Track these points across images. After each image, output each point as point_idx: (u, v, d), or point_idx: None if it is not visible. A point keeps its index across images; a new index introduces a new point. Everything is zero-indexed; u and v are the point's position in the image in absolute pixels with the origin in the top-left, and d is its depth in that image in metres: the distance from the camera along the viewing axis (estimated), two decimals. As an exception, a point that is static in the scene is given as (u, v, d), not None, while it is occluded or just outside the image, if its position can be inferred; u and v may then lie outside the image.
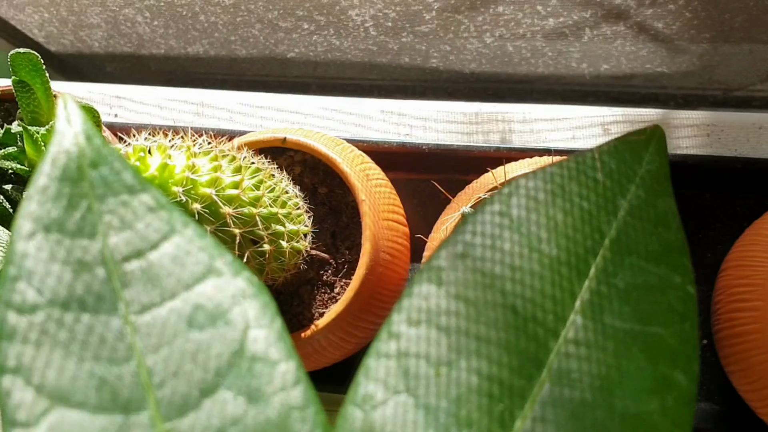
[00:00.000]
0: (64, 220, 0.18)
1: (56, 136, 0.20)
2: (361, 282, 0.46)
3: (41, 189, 0.19)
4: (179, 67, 0.97)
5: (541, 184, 0.22)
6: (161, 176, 0.35)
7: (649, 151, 0.24)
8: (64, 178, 0.19)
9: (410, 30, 0.80)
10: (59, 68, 1.02)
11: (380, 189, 0.50)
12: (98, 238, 0.19)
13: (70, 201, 0.19)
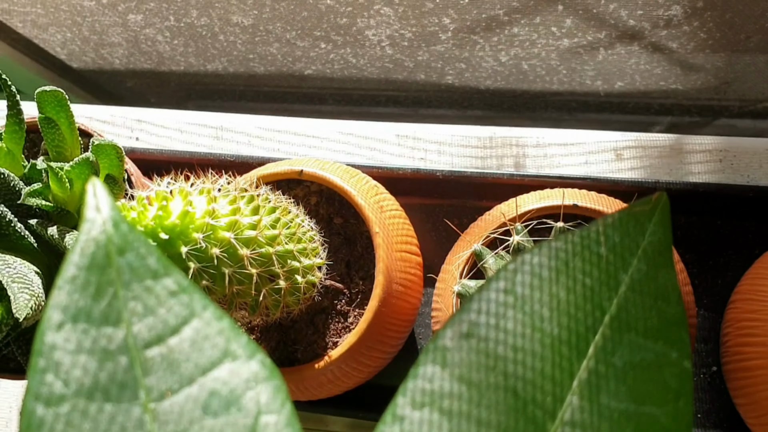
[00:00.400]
0: (91, 309, 0.20)
1: (85, 224, 0.21)
2: (373, 314, 0.47)
3: (70, 279, 0.20)
4: (198, 82, 0.99)
5: (545, 260, 0.23)
6: (183, 223, 0.36)
7: (653, 222, 0.24)
8: (92, 266, 0.20)
9: (426, 49, 0.80)
10: (81, 84, 1.04)
11: (394, 220, 0.51)
12: (122, 326, 0.20)
13: (97, 289, 0.20)
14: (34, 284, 0.41)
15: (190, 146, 0.68)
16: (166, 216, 0.36)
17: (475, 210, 0.61)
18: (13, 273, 0.41)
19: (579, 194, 0.48)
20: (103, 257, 0.20)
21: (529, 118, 0.98)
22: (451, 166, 0.63)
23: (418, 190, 0.61)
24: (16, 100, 0.49)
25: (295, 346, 0.51)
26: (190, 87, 1.01)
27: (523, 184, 0.58)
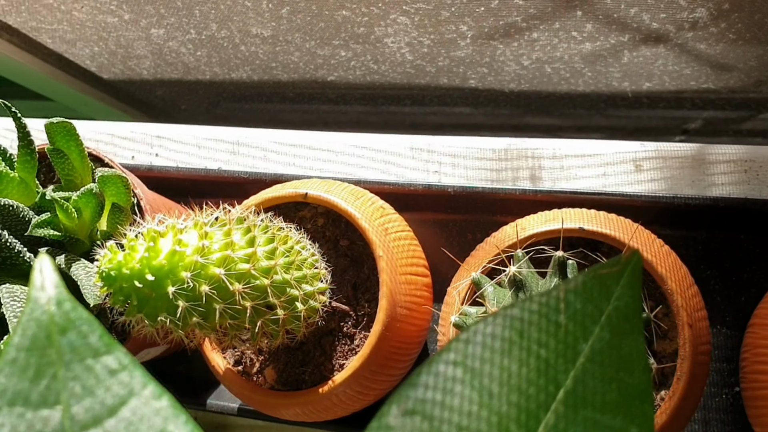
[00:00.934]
0: (29, 392, 0.20)
1: (29, 304, 0.21)
2: (377, 338, 0.47)
3: (10, 361, 0.20)
4: (225, 90, 1.00)
5: (499, 330, 0.22)
6: (171, 262, 0.36)
7: (621, 284, 0.23)
8: (33, 348, 0.20)
9: (446, 55, 0.79)
10: (112, 93, 1.06)
11: (399, 243, 0.50)
12: (60, 408, 0.20)
13: (36, 371, 0.20)
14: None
15: (207, 161, 0.69)
16: (154, 256, 0.36)
17: (489, 225, 0.60)
18: (17, 308, 0.42)
19: (586, 216, 0.46)
20: (44, 338, 0.20)
21: (558, 117, 0.96)
22: (466, 178, 0.62)
23: (430, 205, 0.60)
24: (27, 131, 0.50)
25: (303, 368, 0.51)
26: (218, 94, 1.02)
27: (537, 200, 0.56)
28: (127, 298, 0.36)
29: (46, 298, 0.21)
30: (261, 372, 0.52)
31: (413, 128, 1.08)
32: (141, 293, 0.35)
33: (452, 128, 1.08)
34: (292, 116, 1.08)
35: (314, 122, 1.10)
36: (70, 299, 0.21)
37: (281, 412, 0.50)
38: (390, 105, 0.98)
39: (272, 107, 1.06)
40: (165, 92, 1.04)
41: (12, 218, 0.47)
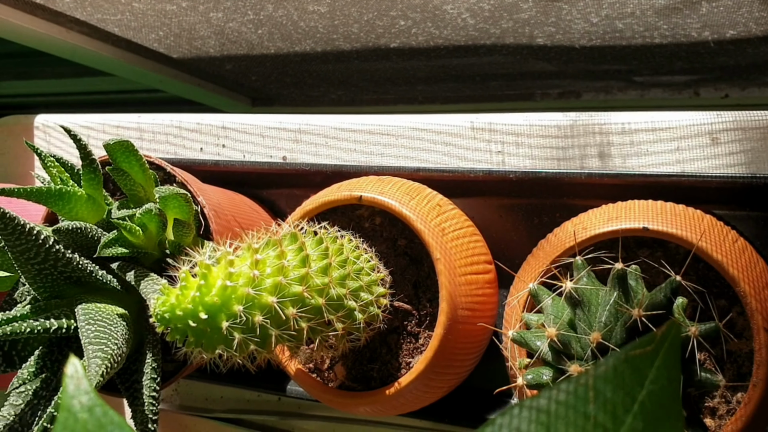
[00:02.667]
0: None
1: (62, 413, 0.22)
2: (439, 341, 0.47)
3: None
4: (291, 61, 0.99)
5: (525, 426, 0.21)
6: (222, 296, 0.37)
7: (656, 366, 0.22)
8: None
9: (509, 18, 0.76)
10: (185, 70, 1.08)
11: (458, 242, 0.49)
12: None
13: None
14: (112, 337, 0.44)
15: (271, 150, 0.69)
16: (206, 293, 0.37)
17: (556, 208, 0.58)
18: (92, 333, 0.44)
19: (652, 211, 0.44)
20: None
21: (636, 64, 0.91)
22: (531, 158, 0.60)
23: (493, 190, 0.58)
24: (88, 151, 0.52)
25: (370, 365, 0.52)
26: (285, 64, 1.02)
27: (602, 184, 0.54)
28: (183, 335, 0.37)
29: (78, 405, 0.22)
30: (331, 368, 0.53)
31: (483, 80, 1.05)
32: (196, 330, 0.37)
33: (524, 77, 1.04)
34: (359, 77, 1.07)
35: (382, 81, 1.09)
36: (101, 404, 0.22)
37: (351, 410, 0.52)
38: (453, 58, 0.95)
39: (339, 70, 1.05)
40: (234, 66, 1.04)
41: (82, 239, 0.49)
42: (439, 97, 1.14)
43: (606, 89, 1.05)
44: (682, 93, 1.00)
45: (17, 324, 0.43)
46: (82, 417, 0.22)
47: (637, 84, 1.01)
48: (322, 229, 0.46)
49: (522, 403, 0.22)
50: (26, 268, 0.46)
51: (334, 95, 1.19)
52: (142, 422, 0.48)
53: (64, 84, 1.41)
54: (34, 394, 0.49)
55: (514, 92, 1.09)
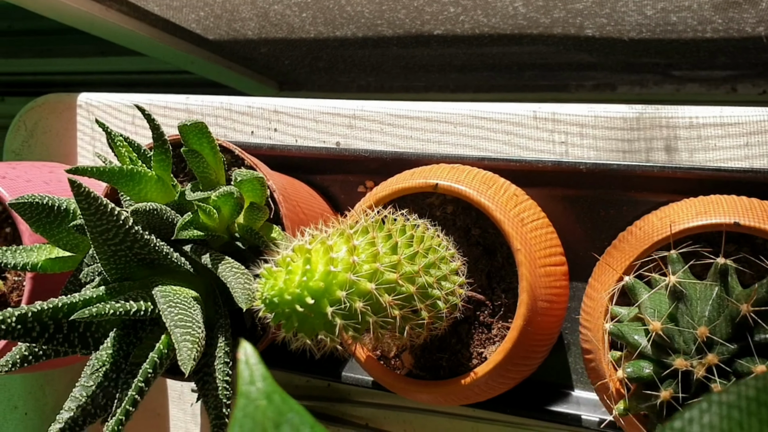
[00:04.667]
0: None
1: (240, 399, 0.22)
2: (519, 332, 0.47)
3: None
4: (328, 46, 0.99)
5: (717, 421, 0.21)
6: (326, 282, 0.37)
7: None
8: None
9: (563, 7, 0.75)
10: (218, 52, 1.07)
11: (537, 233, 0.49)
12: (284, 506, 0.21)
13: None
14: (195, 321, 0.44)
15: (324, 135, 0.69)
16: (311, 277, 0.36)
17: (622, 201, 0.58)
18: (176, 314, 0.43)
19: (740, 206, 0.44)
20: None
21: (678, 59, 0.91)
22: (595, 149, 0.60)
23: (559, 181, 0.58)
24: (161, 131, 0.51)
25: (439, 355, 0.52)
26: (320, 49, 1.01)
27: (675, 177, 0.54)
28: (286, 318, 0.37)
29: (256, 392, 0.22)
30: (399, 357, 0.53)
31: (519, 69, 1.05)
32: (300, 315, 0.36)
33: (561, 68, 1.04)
34: (393, 64, 1.07)
35: (415, 68, 1.08)
36: (279, 391, 0.22)
37: (420, 398, 0.51)
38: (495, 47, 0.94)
39: (374, 57, 1.05)
40: (269, 50, 1.03)
41: (156, 221, 0.49)
42: (471, 86, 1.14)
43: (641, 82, 1.04)
44: (719, 88, 1.00)
45: (101, 306, 0.43)
46: (261, 404, 0.21)
47: (674, 78, 1.00)
48: (401, 216, 0.46)
49: (709, 398, 0.21)
50: (102, 248, 0.46)
51: (363, 81, 1.18)
52: (216, 407, 0.48)
53: (86, 63, 1.39)
54: (105, 376, 0.49)
55: (548, 83, 1.09)
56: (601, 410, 0.56)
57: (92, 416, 0.48)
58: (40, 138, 0.81)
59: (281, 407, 0.22)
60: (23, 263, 0.54)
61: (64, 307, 0.45)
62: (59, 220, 0.52)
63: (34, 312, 0.43)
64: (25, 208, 0.50)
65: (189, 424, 0.73)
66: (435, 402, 0.52)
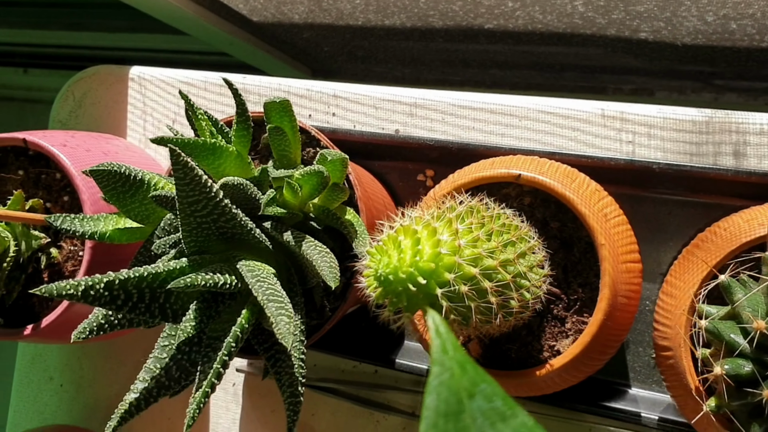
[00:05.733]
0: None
1: (435, 367, 0.21)
2: (598, 327, 0.47)
3: (432, 425, 0.21)
4: (373, 35, 0.98)
5: None
6: (435, 262, 0.37)
7: None
8: (449, 413, 0.21)
9: (623, 9, 0.75)
10: (259, 35, 1.06)
11: (618, 229, 0.49)
12: (483, 476, 0.21)
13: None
14: (283, 296, 0.44)
15: (384, 122, 0.69)
16: (422, 258, 0.36)
17: (689, 204, 0.58)
18: (266, 289, 0.43)
19: (831, 212, 0.44)
20: (455, 403, 0.21)
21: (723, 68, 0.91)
22: (662, 150, 0.60)
23: (628, 180, 0.58)
24: (245, 107, 0.51)
25: (508, 345, 0.52)
26: (365, 37, 1.01)
27: (749, 182, 0.54)
28: (396, 296, 0.37)
29: (450, 361, 0.22)
30: (466, 345, 0.53)
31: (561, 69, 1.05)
32: (410, 294, 0.36)
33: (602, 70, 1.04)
34: (434, 56, 1.07)
35: (455, 62, 1.08)
36: (470, 361, 0.22)
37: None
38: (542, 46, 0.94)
39: (416, 49, 1.04)
40: (311, 35, 1.03)
41: (241, 196, 0.48)
42: (508, 83, 1.14)
43: (680, 89, 1.05)
44: (758, 99, 1.01)
45: (193, 276, 0.43)
46: (456, 372, 0.21)
47: (714, 87, 1.01)
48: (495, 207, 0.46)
49: None
50: (189, 220, 0.46)
51: (399, 73, 1.18)
52: (291, 384, 0.48)
53: (115, 38, 1.38)
54: (178, 349, 0.49)
55: (587, 84, 1.09)
56: (660, 408, 0.56)
57: (166, 388, 0.47)
58: (88, 109, 0.80)
59: (474, 377, 0.22)
60: (91, 232, 0.54)
61: (149, 276, 0.45)
62: (133, 190, 0.52)
63: (120, 280, 0.43)
64: (103, 175, 0.50)
65: (230, 403, 0.73)
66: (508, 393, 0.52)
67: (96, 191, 0.61)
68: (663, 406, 0.57)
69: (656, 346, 0.49)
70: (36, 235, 0.62)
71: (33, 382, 0.80)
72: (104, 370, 0.78)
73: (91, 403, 0.78)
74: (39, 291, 0.41)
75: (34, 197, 0.64)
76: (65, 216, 0.54)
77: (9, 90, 1.69)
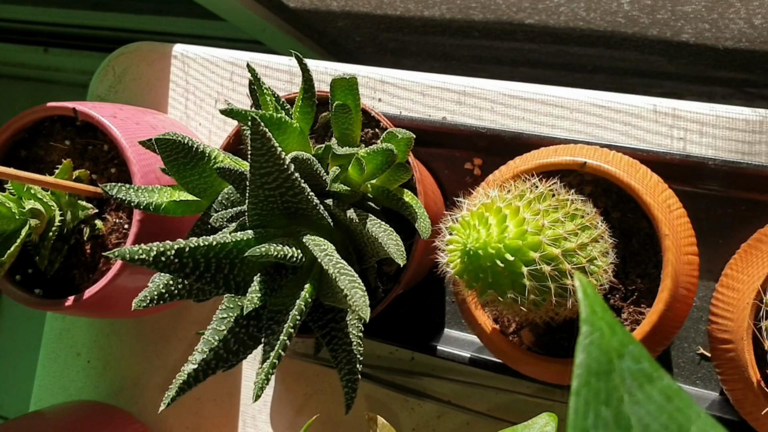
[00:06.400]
0: (605, 416, 0.21)
1: (585, 327, 0.21)
2: (659, 317, 0.47)
3: (584, 383, 0.21)
4: (409, 26, 0.98)
5: None
6: (525, 242, 0.37)
7: None
8: (600, 372, 0.21)
9: (670, 9, 0.75)
10: (292, 21, 1.06)
11: (680, 221, 0.49)
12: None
13: (606, 396, 0.21)
14: (352, 271, 0.44)
15: (431, 110, 0.69)
16: (509, 234, 0.36)
17: (742, 201, 0.58)
18: (335, 263, 0.43)
19: None
20: (605, 362, 0.21)
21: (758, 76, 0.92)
22: (714, 148, 0.60)
23: (683, 175, 0.58)
24: (312, 83, 0.51)
25: (562, 334, 0.52)
26: (400, 28, 1.01)
27: (807, 181, 0.54)
28: (483, 272, 0.36)
29: (600, 322, 0.22)
30: (517, 333, 0.53)
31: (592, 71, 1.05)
32: (496, 270, 0.36)
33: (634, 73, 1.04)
34: (466, 51, 1.07)
35: (487, 59, 1.08)
36: (619, 324, 0.22)
37: (542, 375, 0.52)
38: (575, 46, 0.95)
39: (448, 46, 1.04)
40: (345, 24, 1.03)
41: (307, 171, 0.48)
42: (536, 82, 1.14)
43: (709, 95, 1.05)
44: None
45: (266, 247, 0.43)
46: (606, 332, 0.21)
47: (745, 94, 1.01)
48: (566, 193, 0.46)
49: None
50: (257, 192, 0.46)
51: (427, 66, 1.18)
52: (349, 362, 0.47)
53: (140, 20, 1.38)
54: (236, 322, 0.49)
55: (614, 86, 1.09)
56: (705, 405, 0.57)
57: (224, 360, 0.47)
58: (129, 85, 0.80)
59: (623, 338, 0.22)
60: (146, 203, 0.54)
61: (217, 246, 0.44)
62: (194, 162, 0.51)
63: (191, 248, 0.43)
64: (168, 145, 0.49)
65: (261, 385, 0.73)
66: (556, 380, 0.52)
67: (146, 164, 0.61)
68: (708, 402, 0.57)
69: (713, 339, 0.49)
70: (83, 205, 0.62)
71: (60, 358, 0.80)
72: (133, 348, 0.77)
73: (118, 382, 0.78)
74: (111, 254, 0.41)
75: (80, 168, 0.64)
76: (121, 185, 0.54)
77: (26, 69, 1.68)
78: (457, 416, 0.66)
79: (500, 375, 0.63)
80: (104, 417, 0.73)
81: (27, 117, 0.64)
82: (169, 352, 0.76)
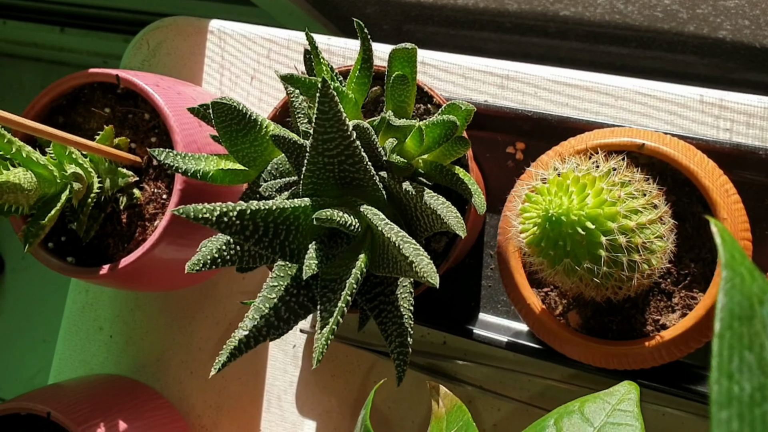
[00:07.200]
0: (749, 360, 0.20)
1: (726, 271, 0.21)
2: (713, 300, 0.47)
3: (727, 326, 0.20)
4: (440, 15, 0.98)
5: None
6: (604, 213, 0.36)
7: None
8: (742, 317, 0.21)
9: (712, 3, 0.75)
10: (319, 7, 1.06)
11: (736, 206, 0.49)
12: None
13: (749, 341, 0.20)
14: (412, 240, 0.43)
15: (472, 93, 0.68)
16: (588, 203, 0.36)
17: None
18: (397, 231, 0.43)
19: None
20: (747, 308, 0.21)
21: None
22: (761, 140, 0.60)
23: (733, 164, 0.58)
24: (371, 54, 0.50)
25: (610, 317, 0.52)
26: (428, 17, 1.01)
27: None
28: (561, 239, 0.36)
29: (740, 267, 0.21)
30: (564, 315, 0.53)
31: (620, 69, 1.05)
32: (575, 238, 0.36)
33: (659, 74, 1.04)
34: (496, 46, 1.06)
35: (517, 54, 1.08)
36: (758, 270, 0.21)
37: (589, 358, 0.51)
38: (610, 45, 0.94)
39: (476, 35, 1.04)
40: (375, 10, 1.03)
41: (364, 141, 0.48)
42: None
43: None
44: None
45: (330, 212, 0.42)
46: (747, 277, 0.21)
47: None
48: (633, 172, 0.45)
49: None
50: (317, 159, 0.45)
51: (451, 59, 1.17)
52: (400, 334, 0.47)
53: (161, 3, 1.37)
54: (286, 291, 0.48)
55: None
56: None
57: (275, 328, 0.47)
58: (163, 58, 0.79)
59: (763, 285, 0.21)
60: (194, 170, 0.53)
61: (276, 210, 0.44)
62: (246, 129, 0.51)
63: (252, 210, 0.42)
64: (224, 110, 0.49)
65: (288, 365, 0.72)
66: (603, 364, 0.51)
67: (188, 134, 0.60)
68: None
69: None
70: (124, 172, 0.61)
71: (81, 331, 0.79)
72: (157, 324, 0.77)
73: (141, 357, 0.77)
74: (176, 211, 0.40)
75: (120, 136, 0.63)
76: (168, 151, 0.53)
77: (39, 49, 1.66)
78: (488, 401, 0.65)
79: (534, 360, 0.62)
80: (127, 391, 0.72)
81: (68, 82, 0.63)
82: (193, 329, 0.76)
